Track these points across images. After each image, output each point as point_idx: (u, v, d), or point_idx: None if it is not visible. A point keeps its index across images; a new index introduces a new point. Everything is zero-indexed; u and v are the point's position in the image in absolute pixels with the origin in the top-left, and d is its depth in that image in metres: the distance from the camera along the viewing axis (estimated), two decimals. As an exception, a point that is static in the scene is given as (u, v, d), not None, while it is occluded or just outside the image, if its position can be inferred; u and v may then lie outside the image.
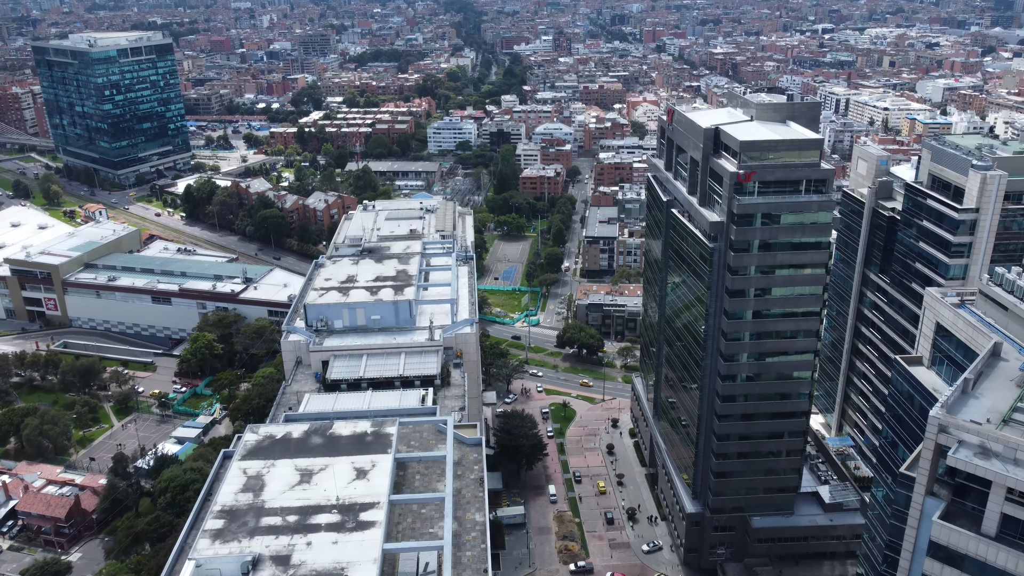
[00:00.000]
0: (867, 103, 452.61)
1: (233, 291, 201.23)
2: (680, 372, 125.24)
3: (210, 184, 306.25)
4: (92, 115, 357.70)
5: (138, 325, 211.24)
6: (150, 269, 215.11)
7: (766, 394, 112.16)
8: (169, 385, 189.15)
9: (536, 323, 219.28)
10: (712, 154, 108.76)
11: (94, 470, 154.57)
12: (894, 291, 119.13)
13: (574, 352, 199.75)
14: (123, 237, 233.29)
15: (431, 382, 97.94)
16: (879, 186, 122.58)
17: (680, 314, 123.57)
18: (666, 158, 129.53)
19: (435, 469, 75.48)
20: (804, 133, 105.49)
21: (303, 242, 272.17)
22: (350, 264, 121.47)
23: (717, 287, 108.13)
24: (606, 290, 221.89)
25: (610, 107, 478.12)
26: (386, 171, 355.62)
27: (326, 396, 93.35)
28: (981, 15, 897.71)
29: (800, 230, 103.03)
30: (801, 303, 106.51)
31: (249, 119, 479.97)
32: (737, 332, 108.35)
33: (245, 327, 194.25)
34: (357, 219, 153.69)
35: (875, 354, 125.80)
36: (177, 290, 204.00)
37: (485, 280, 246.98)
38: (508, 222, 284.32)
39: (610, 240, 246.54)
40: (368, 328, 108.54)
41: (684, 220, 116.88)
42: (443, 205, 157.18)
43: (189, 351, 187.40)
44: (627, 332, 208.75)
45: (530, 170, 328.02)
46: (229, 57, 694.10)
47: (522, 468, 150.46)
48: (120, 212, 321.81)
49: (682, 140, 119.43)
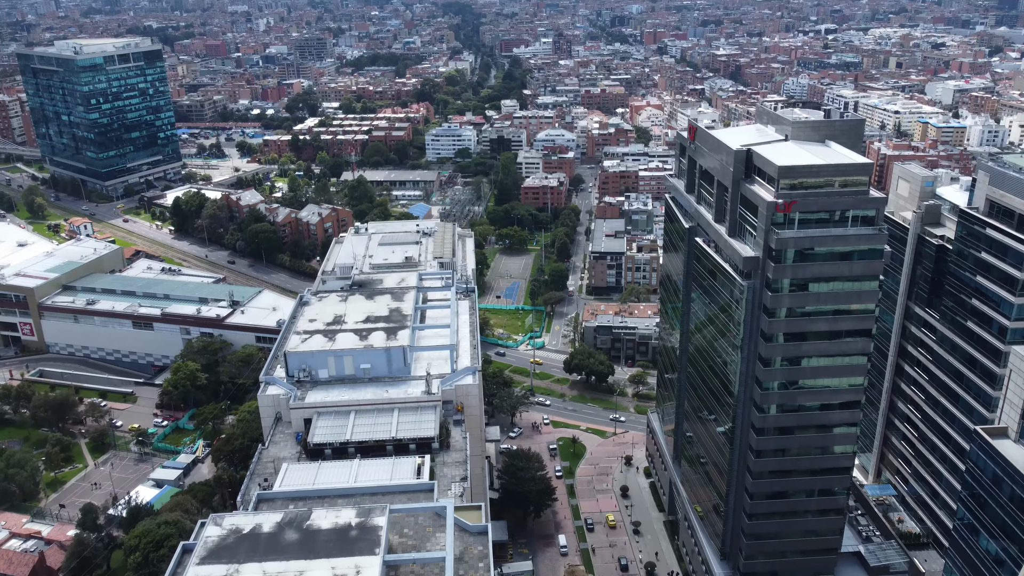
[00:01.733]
0: (877, 106, 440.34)
1: (219, 316, 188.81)
2: (705, 417, 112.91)
3: (199, 197, 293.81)
4: (79, 124, 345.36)
5: (119, 351, 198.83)
6: (131, 291, 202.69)
7: (806, 448, 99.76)
8: (150, 418, 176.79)
9: (541, 346, 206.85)
10: (743, 179, 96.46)
11: (63, 519, 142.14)
12: (945, 329, 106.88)
13: (582, 379, 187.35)
14: (104, 256, 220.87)
15: (428, 446, 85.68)
16: (926, 211, 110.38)
17: (705, 353, 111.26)
18: (687, 179, 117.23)
19: (432, 569, 63.22)
20: (849, 156, 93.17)
21: (295, 258, 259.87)
22: (338, 301, 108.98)
23: (750, 329, 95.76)
24: (614, 310, 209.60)
25: (613, 111, 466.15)
26: (383, 181, 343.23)
27: (307, 466, 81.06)
28: (985, 14, 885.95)
29: (847, 267, 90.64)
30: (846, 348, 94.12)
31: (243, 126, 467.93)
32: (773, 380, 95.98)
33: (231, 355, 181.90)
34: (348, 244, 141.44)
35: (921, 396, 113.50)
36: (159, 315, 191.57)
37: (487, 298, 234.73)
38: (510, 235, 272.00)
39: (618, 256, 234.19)
40: (357, 378, 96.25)
41: (710, 251, 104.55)
42: (441, 228, 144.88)
43: (170, 382, 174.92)
44: (638, 356, 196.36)
45: (532, 179, 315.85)
46: (224, 62, 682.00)
47: (529, 516, 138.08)
48: (107, 226, 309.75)
49: (707, 161, 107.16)
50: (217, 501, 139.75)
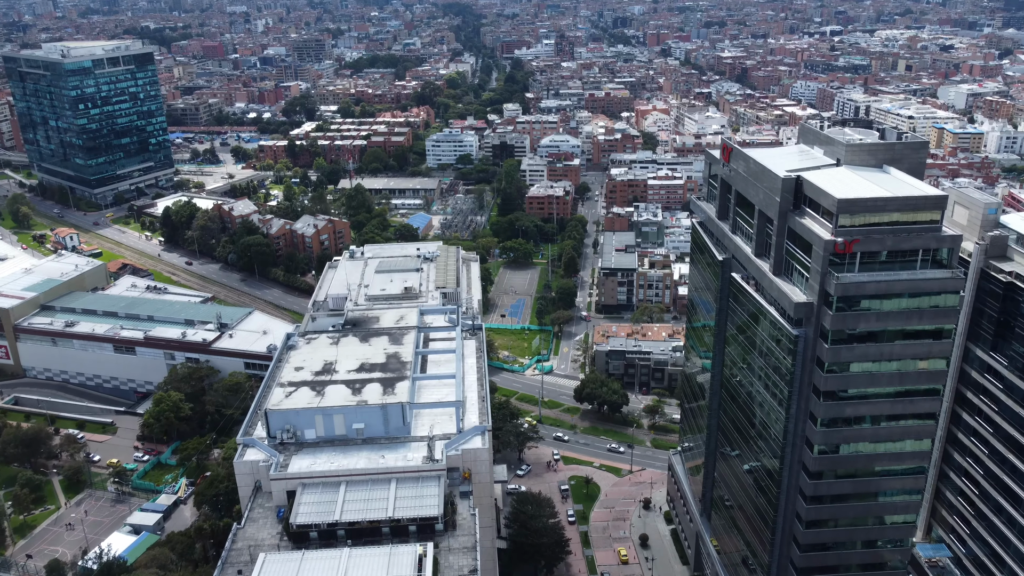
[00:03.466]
0: (890, 111, 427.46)
1: (205, 340, 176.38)
2: (741, 474, 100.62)
3: (190, 206, 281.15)
4: (66, 130, 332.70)
5: (99, 376, 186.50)
6: (113, 312, 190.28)
7: (862, 518, 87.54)
8: (130, 451, 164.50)
9: (549, 370, 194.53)
10: (792, 210, 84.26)
11: (30, 571, 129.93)
12: (1014, 377, 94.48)
13: (594, 408, 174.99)
14: (87, 273, 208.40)
15: (431, 527, 73.46)
16: (991, 242, 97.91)
17: (742, 401, 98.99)
18: (719, 204, 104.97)
19: None
20: (918, 186, 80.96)
21: (289, 272, 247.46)
22: (328, 344, 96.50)
23: (800, 384, 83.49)
24: (627, 331, 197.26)
25: (618, 115, 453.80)
26: (381, 189, 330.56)
27: (288, 557, 68.74)
28: (992, 16, 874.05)
29: (917, 316, 78.46)
30: (913, 409, 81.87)
31: (239, 130, 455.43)
32: (827, 442, 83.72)
33: (218, 382, 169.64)
34: (342, 270, 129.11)
35: (984, 451, 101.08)
36: (142, 338, 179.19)
37: (491, 317, 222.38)
38: (514, 248, 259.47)
39: (629, 272, 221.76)
40: (349, 439, 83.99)
41: (750, 289, 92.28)
42: (444, 251, 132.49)
43: (152, 413, 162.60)
44: (653, 383, 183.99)
45: (537, 188, 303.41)
46: (221, 63, 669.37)
47: (540, 571, 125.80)
48: (94, 236, 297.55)
49: (745, 187, 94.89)
50: (199, 553, 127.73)
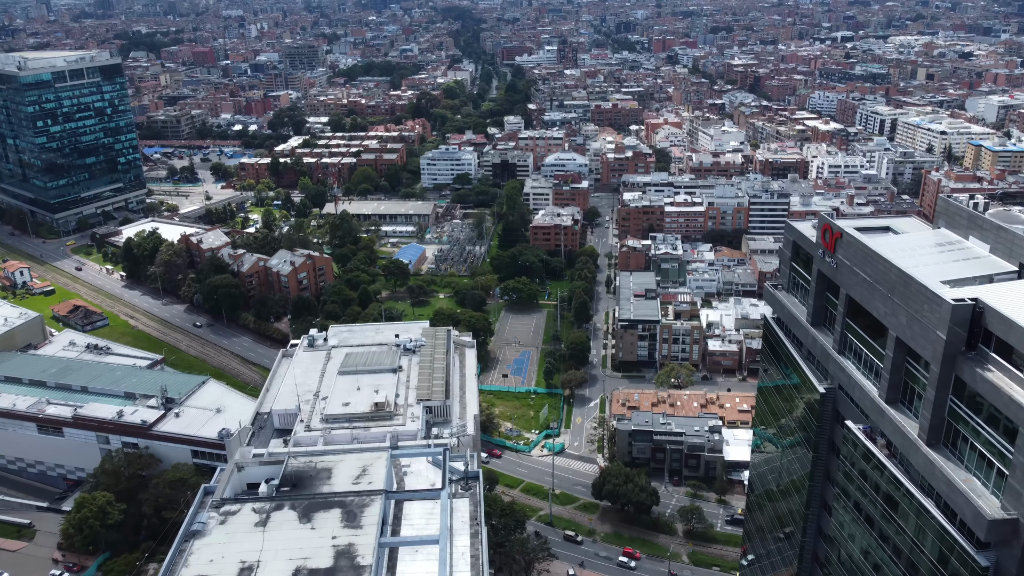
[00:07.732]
0: (919, 125, 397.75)
1: (145, 422, 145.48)
2: None
3: (154, 238, 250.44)
4: (25, 149, 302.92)
5: (22, 460, 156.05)
6: (42, 381, 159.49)
7: None
8: (48, 564, 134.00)
9: (560, 449, 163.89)
10: (963, 352, 53.87)
11: None
12: None
13: (616, 507, 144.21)
14: (17, 329, 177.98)
15: None
16: None
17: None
18: (814, 305, 74.57)
19: None
20: None
21: (261, 318, 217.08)
22: (252, 527, 65.32)
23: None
24: (652, 400, 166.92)
25: (626, 128, 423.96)
26: (371, 214, 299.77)
27: None
28: (1007, 20, 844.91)
29: None
30: None
31: (222, 144, 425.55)
32: None
33: (158, 476, 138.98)
34: (298, 366, 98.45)
35: None
36: (70, 417, 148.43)
37: (490, 376, 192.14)
38: (518, 288, 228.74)
39: (651, 324, 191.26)
40: None
41: (881, 456, 61.83)
42: (431, 340, 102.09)
43: (73, 521, 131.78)
44: (686, 471, 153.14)
45: (542, 215, 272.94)
46: (211, 70, 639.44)
47: None
48: (49, 269, 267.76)
49: (867, 296, 64.50)
50: None
